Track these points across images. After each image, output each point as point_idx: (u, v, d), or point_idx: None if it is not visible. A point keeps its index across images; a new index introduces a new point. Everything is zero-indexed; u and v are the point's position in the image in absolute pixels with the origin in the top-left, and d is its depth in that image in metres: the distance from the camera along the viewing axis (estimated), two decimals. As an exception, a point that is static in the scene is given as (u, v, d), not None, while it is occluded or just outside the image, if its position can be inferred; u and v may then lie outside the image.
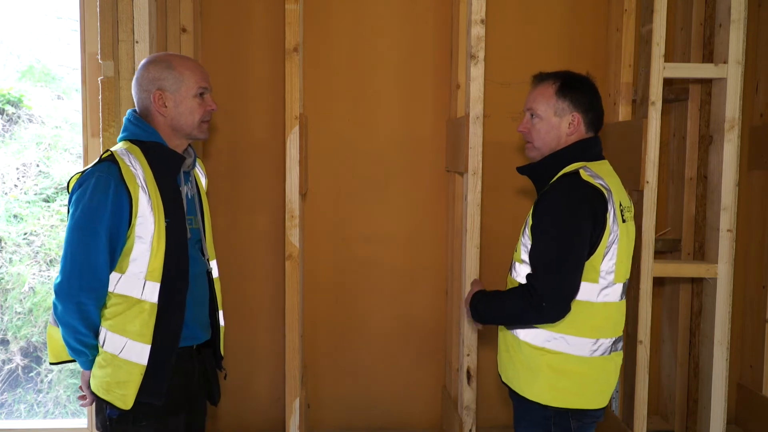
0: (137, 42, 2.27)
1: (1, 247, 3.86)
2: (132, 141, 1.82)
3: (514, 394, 1.94)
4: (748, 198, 3.33)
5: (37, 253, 3.88)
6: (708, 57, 3.04)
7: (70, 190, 1.75)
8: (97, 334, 1.75)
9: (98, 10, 2.28)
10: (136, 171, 1.74)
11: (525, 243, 1.88)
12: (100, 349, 1.76)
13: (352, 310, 3.37)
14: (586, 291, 1.81)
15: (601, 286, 1.82)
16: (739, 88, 2.69)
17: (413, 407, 3.41)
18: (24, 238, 3.90)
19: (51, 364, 1.90)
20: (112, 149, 1.79)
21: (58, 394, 3.75)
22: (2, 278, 3.85)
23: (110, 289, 1.74)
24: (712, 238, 2.78)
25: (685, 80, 3.15)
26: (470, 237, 2.77)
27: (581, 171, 1.83)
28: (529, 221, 1.87)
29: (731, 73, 2.68)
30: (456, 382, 3.09)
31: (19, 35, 4.10)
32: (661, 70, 2.65)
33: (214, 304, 1.99)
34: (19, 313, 3.83)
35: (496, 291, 1.95)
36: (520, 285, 1.85)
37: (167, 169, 1.82)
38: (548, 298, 1.75)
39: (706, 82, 3.07)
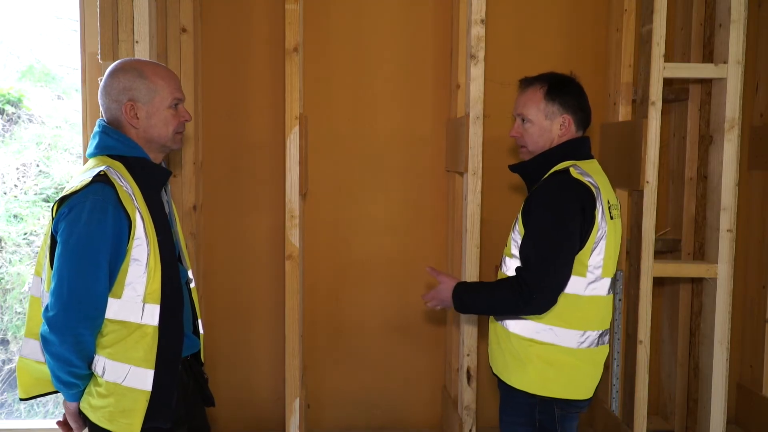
0: (137, 42, 2.27)
1: (1, 247, 3.86)
2: (111, 156, 1.71)
3: (502, 384, 2.00)
4: (748, 198, 3.33)
5: (37, 253, 3.88)
6: (708, 57, 3.04)
7: (56, 213, 1.63)
8: (90, 364, 1.67)
9: (98, 10, 2.28)
10: (129, 191, 1.65)
11: (515, 238, 1.94)
12: (99, 378, 1.67)
13: (352, 310, 3.37)
14: (574, 284, 1.86)
15: (589, 280, 1.87)
16: (739, 88, 2.69)
17: (413, 407, 3.41)
18: (24, 238, 3.90)
19: (21, 400, 1.79)
20: (101, 168, 1.66)
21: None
22: (2, 278, 3.85)
23: (106, 315, 1.65)
24: (712, 238, 2.78)
25: (685, 80, 3.14)
26: (470, 237, 2.76)
27: (571, 169, 1.88)
28: (520, 217, 1.93)
29: (731, 73, 2.69)
30: (456, 382, 3.09)
31: (19, 35, 4.10)
32: (661, 70, 2.65)
33: (195, 313, 1.96)
34: (19, 313, 3.83)
35: (481, 282, 1.98)
36: (510, 276, 1.90)
37: (154, 185, 1.75)
38: (538, 290, 1.81)
39: (706, 82, 3.06)
